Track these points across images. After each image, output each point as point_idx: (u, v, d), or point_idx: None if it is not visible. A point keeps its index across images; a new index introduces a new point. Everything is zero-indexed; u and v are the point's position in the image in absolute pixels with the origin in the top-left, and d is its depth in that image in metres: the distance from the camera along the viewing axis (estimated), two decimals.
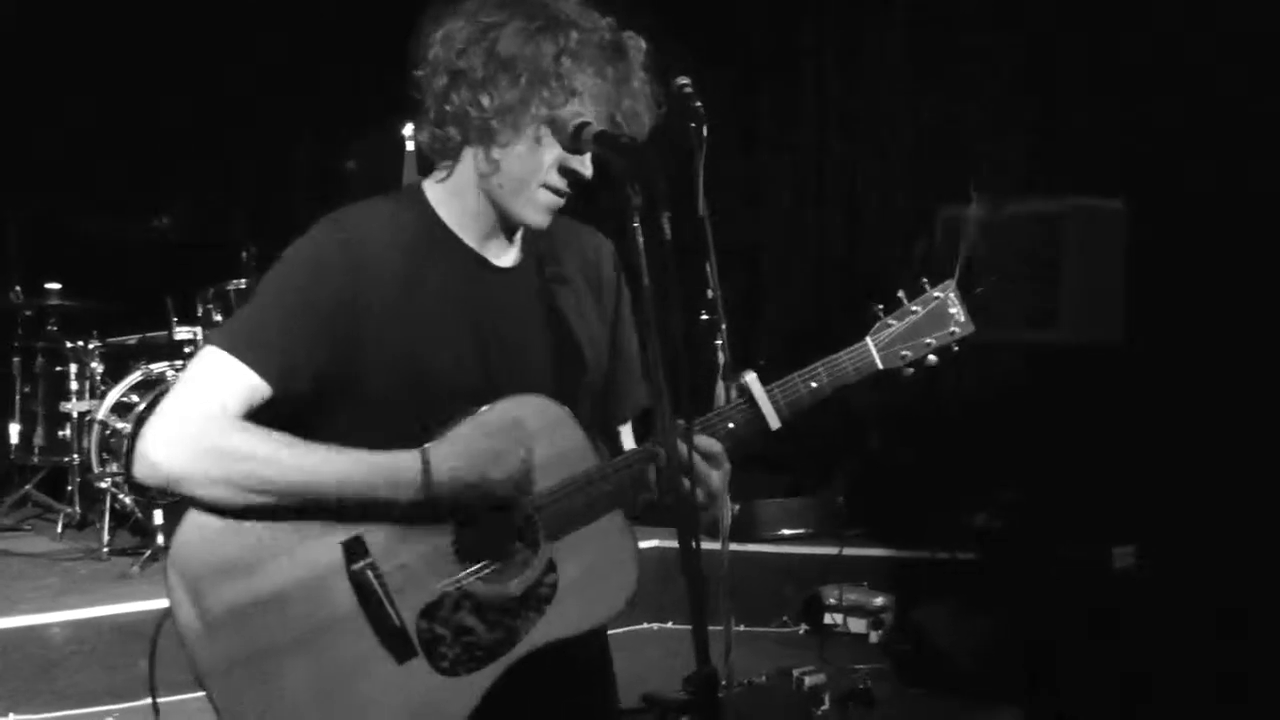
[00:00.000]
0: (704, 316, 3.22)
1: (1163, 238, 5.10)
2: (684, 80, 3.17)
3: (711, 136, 3.09)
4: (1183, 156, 5.10)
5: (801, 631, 5.24)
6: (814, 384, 2.04)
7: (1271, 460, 4.56)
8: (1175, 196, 5.08)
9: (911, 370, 2.09)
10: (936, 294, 2.11)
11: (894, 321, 2.08)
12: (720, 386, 3.28)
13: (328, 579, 1.89)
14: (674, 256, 1.73)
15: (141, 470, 1.87)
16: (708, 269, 3.08)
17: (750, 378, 2.03)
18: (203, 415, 1.87)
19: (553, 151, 1.94)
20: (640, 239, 1.76)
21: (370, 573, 1.89)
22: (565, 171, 1.95)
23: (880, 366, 2.07)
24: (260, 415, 1.92)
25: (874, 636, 5.07)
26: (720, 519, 2.06)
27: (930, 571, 5.21)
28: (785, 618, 5.28)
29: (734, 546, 4.49)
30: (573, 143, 1.91)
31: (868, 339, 2.07)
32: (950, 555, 5.17)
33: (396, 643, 1.90)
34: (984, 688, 4.34)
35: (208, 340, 1.95)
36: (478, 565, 1.94)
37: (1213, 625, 4.14)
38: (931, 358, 2.09)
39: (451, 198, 2.04)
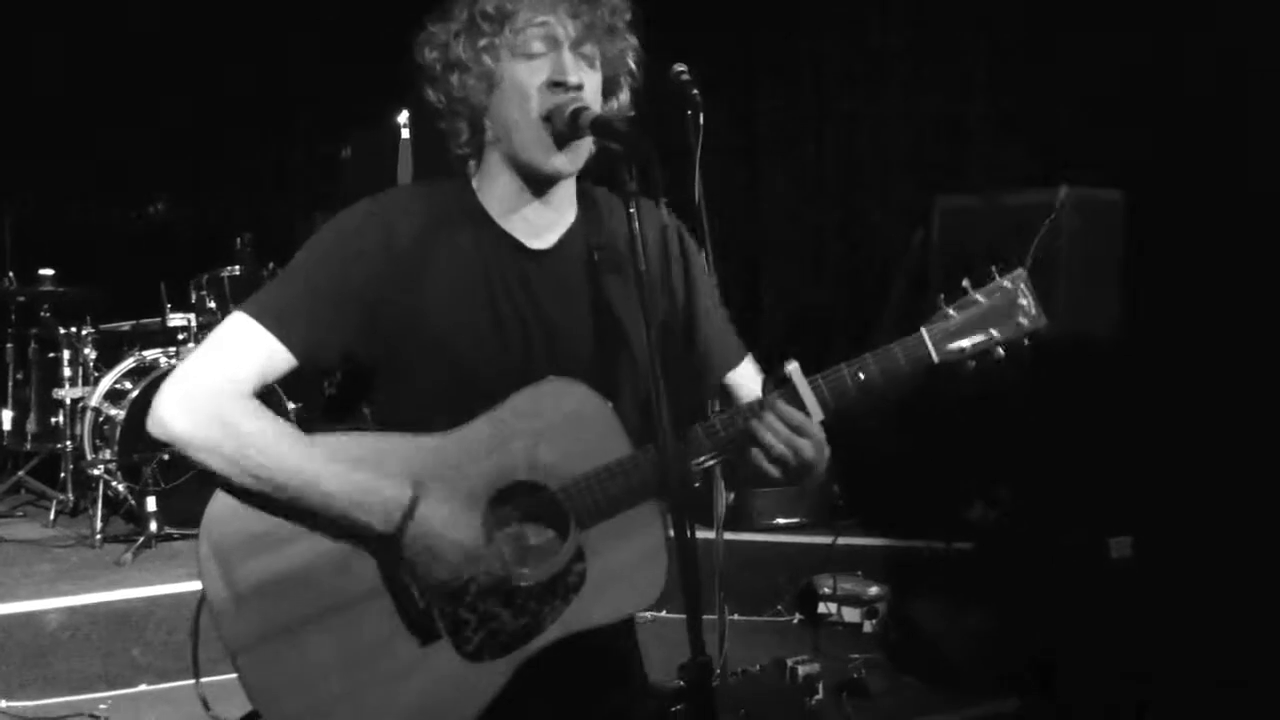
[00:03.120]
0: None
1: (1160, 228, 5.09)
2: (681, 68, 3.16)
3: (711, 137, 3.09)
4: (1180, 148, 5.09)
5: (795, 621, 5.24)
6: (861, 375, 1.91)
7: (1270, 451, 4.56)
8: (1173, 187, 5.07)
9: (974, 364, 1.94)
10: (1005, 283, 1.95)
11: (954, 312, 1.94)
12: None
13: (354, 556, 1.88)
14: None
15: (153, 425, 1.89)
16: (704, 254, 3.06)
17: (792, 367, 1.92)
18: (220, 382, 1.89)
19: (537, 77, 1.93)
20: (636, 224, 1.76)
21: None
22: (554, 86, 1.93)
23: (936, 359, 1.93)
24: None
25: (868, 626, 5.07)
26: (806, 485, 1.97)
27: (925, 562, 5.21)
28: (779, 607, 5.27)
29: (728, 535, 4.49)
30: (570, 129, 1.91)
31: (922, 330, 1.93)
32: (946, 546, 5.16)
33: (420, 624, 1.89)
34: (979, 678, 4.33)
35: (237, 306, 1.96)
36: (505, 550, 1.92)
37: (1211, 616, 4.14)
38: (999, 351, 1.94)
39: (486, 179, 2.05)
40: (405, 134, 6.78)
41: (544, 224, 2.06)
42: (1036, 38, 6.00)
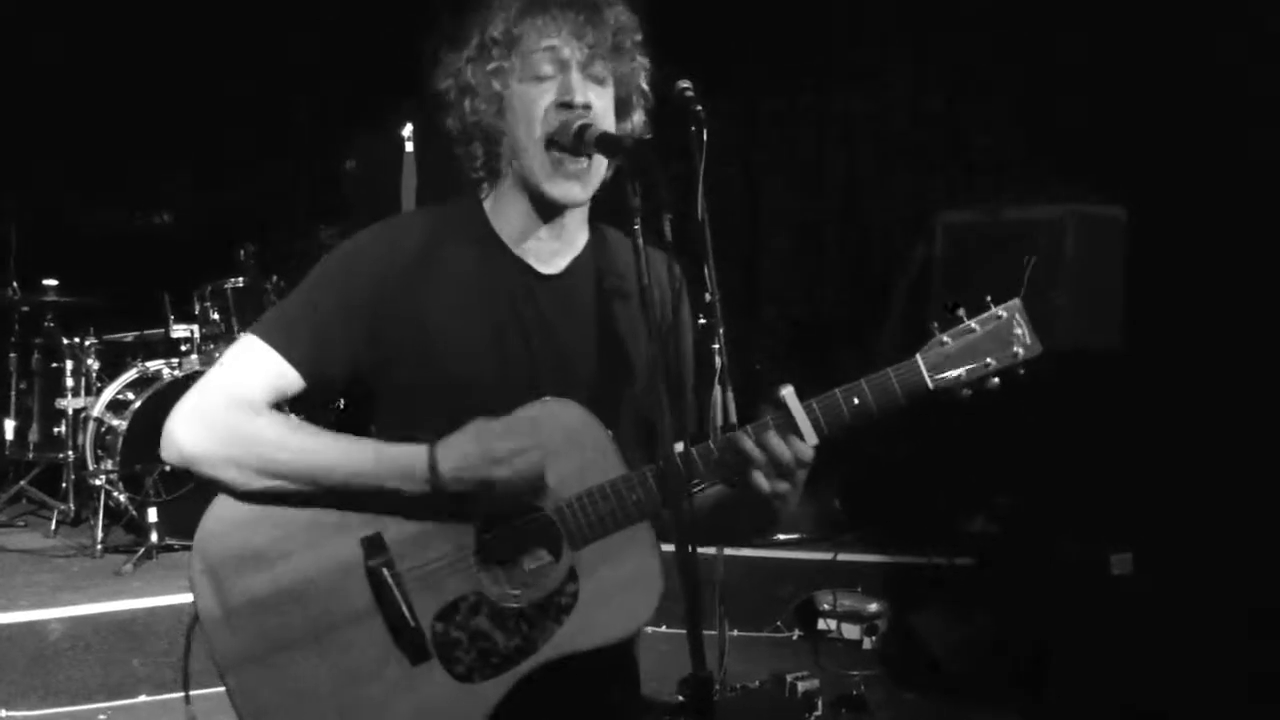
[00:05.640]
0: (702, 320, 3.21)
1: (1162, 244, 5.10)
2: (685, 84, 3.16)
3: (709, 140, 3.08)
4: (1183, 163, 5.11)
5: (795, 637, 5.24)
6: (856, 401, 1.93)
7: (1270, 465, 4.57)
8: (1175, 203, 5.09)
9: (969, 392, 1.96)
10: (1000, 312, 1.97)
11: (949, 340, 1.95)
12: (717, 390, 3.27)
13: (346, 575, 1.88)
14: (676, 258, 1.73)
15: (165, 449, 1.91)
16: (706, 272, 3.06)
17: (787, 391, 1.93)
18: (227, 400, 1.90)
19: (545, 98, 1.95)
20: (641, 241, 1.77)
21: (386, 570, 1.88)
22: (562, 106, 1.95)
23: (931, 387, 1.94)
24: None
25: (868, 642, 5.07)
26: (780, 510, 1.98)
27: (926, 576, 5.21)
28: (779, 623, 5.27)
29: (728, 551, 4.50)
30: (575, 145, 1.92)
31: (918, 357, 1.95)
32: (947, 560, 5.16)
33: (411, 644, 1.89)
34: (979, 693, 4.33)
35: (248, 328, 1.99)
36: (498, 570, 1.92)
37: (1211, 629, 4.14)
38: (994, 380, 1.96)
39: (501, 202, 2.07)
40: (409, 147, 6.78)
41: (554, 249, 2.08)
42: (1038, 38, 6.02)
